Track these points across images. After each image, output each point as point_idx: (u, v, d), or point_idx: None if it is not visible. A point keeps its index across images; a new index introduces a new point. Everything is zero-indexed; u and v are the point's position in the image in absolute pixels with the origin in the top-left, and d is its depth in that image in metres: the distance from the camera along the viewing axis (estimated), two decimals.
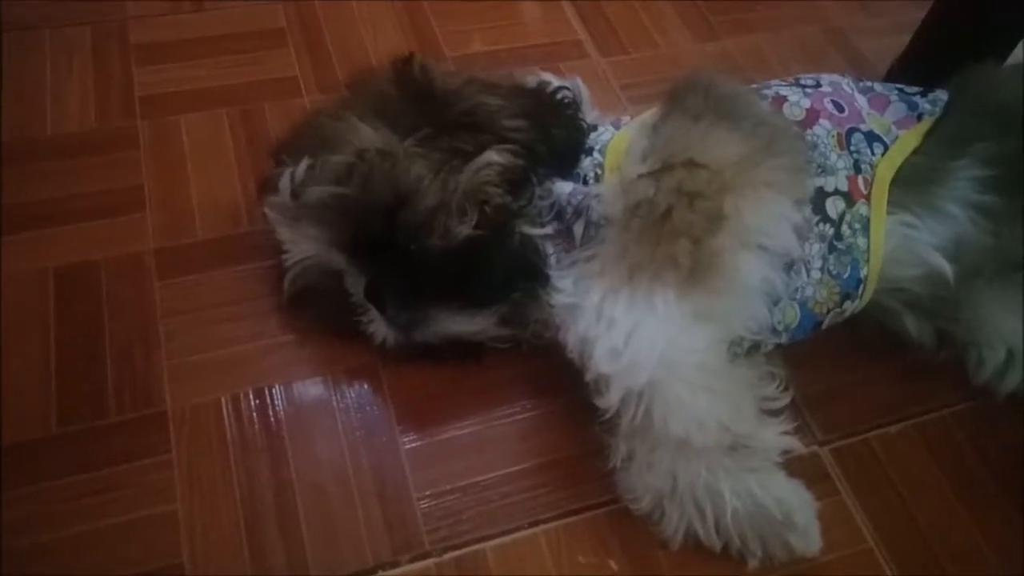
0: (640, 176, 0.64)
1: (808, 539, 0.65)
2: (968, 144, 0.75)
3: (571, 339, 0.64)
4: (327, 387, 0.72)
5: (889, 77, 1.03)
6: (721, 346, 0.63)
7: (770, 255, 0.63)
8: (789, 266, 0.69)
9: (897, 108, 0.78)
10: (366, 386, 0.73)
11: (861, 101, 0.78)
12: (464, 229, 0.65)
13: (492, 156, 0.67)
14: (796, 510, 0.64)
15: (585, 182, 0.70)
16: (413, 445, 0.70)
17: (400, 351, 0.71)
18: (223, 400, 0.70)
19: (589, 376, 0.63)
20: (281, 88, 0.93)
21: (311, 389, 0.72)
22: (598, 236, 0.67)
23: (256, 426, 0.69)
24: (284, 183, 0.69)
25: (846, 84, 0.79)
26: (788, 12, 1.13)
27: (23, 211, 0.80)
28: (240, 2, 1.02)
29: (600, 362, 0.61)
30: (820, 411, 0.76)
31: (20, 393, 0.69)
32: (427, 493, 0.67)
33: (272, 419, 0.70)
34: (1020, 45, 0.92)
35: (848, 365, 0.79)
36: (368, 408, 0.72)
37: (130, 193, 0.83)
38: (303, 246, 0.70)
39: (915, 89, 0.83)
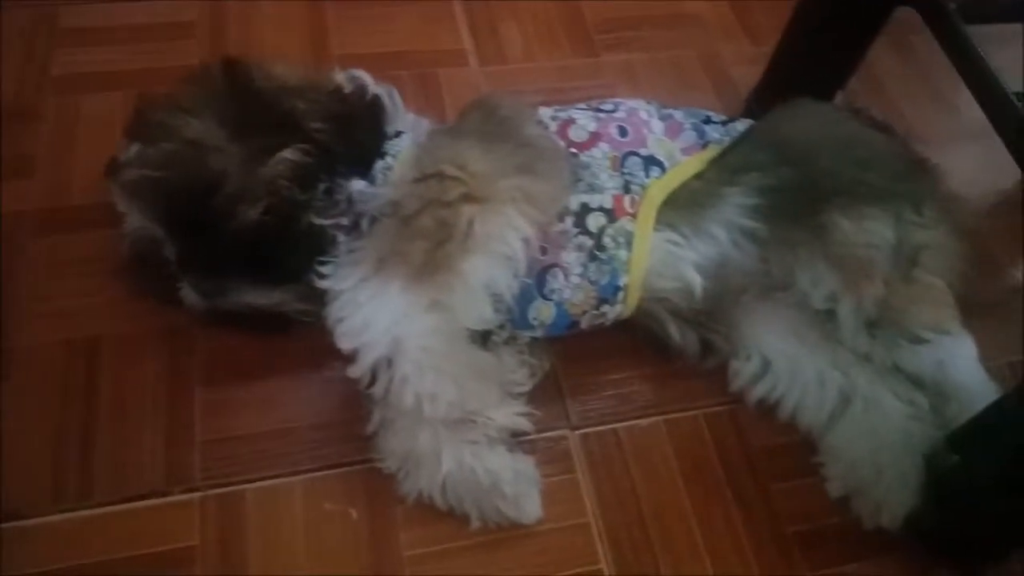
0: (405, 182, 0.74)
1: (520, 508, 0.75)
2: (744, 173, 0.83)
3: (330, 317, 0.74)
4: (148, 341, 0.84)
5: (747, 107, 1.10)
6: (447, 333, 0.72)
7: (497, 260, 0.73)
8: (547, 269, 0.79)
9: (688, 136, 0.86)
10: (181, 344, 0.84)
11: (657, 127, 0.86)
12: (252, 214, 0.76)
13: (286, 153, 0.77)
14: (505, 481, 0.74)
15: (374, 183, 0.80)
16: (208, 396, 0.81)
17: (213, 317, 0.82)
18: (58, 344, 0.83)
19: (343, 350, 0.74)
20: (175, 75, 1.04)
21: (133, 342, 0.84)
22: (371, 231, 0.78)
23: (81, 369, 0.82)
24: (118, 164, 0.81)
25: (644, 111, 0.88)
26: (675, 36, 1.20)
27: None
28: None
29: (346, 338, 0.72)
30: (580, 400, 0.85)
31: None
32: (210, 438, 0.79)
33: (96, 364, 0.82)
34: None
35: (618, 363, 0.88)
36: (177, 361, 0.83)
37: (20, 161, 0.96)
38: (133, 218, 0.82)
39: (721, 118, 0.91)
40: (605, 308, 0.82)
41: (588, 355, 0.87)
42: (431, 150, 0.76)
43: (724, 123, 0.89)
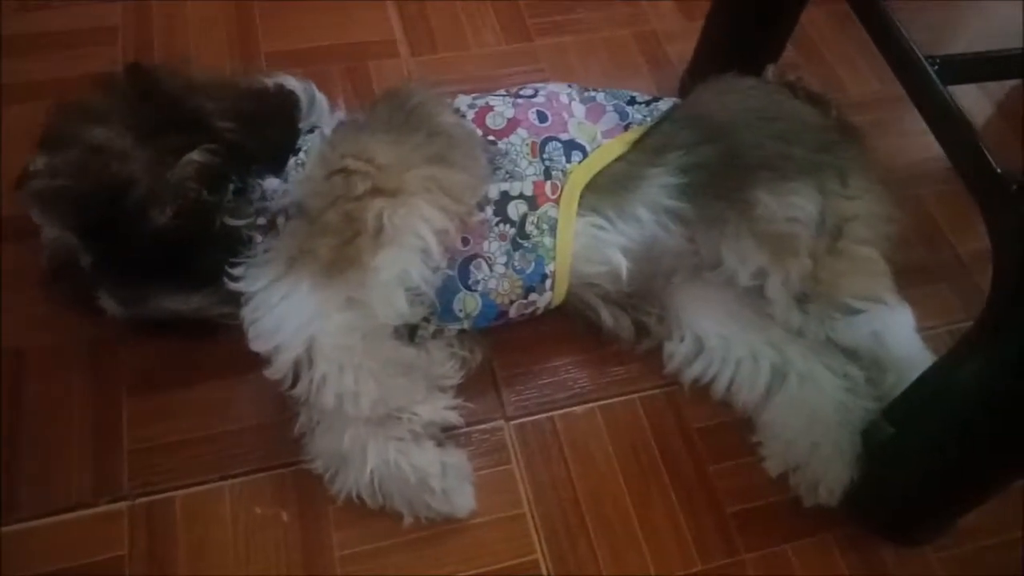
0: (311, 178, 0.73)
1: (451, 503, 0.74)
2: (666, 152, 0.82)
3: (244, 319, 0.73)
4: (72, 352, 0.83)
5: (681, 88, 1.09)
6: (364, 330, 0.71)
7: (410, 253, 0.71)
8: (470, 260, 0.78)
9: (609, 118, 0.85)
10: (106, 354, 0.83)
11: (578, 111, 0.85)
12: (162, 219, 0.75)
13: (193, 155, 0.76)
14: (433, 476, 0.73)
15: (287, 180, 0.79)
16: (136, 405, 0.80)
17: (136, 325, 0.81)
18: None
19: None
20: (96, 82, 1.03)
21: (57, 354, 0.83)
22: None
23: (4, 382, 0.80)
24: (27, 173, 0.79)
25: (565, 95, 0.86)
26: (609, 15, 1.19)
27: None
28: (86, 1, 1.12)
29: (255, 341, 0.70)
30: (515, 390, 0.84)
31: None
32: (137, 447, 0.78)
33: (20, 376, 0.81)
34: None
35: (552, 351, 0.87)
36: (103, 371, 0.82)
37: None
38: (48, 228, 0.80)
39: (645, 98, 0.89)
40: (533, 296, 0.81)
41: (522, 344, 0.87)
42: (336, 144, 0.74)
43: (647, 103, 0.88)
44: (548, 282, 0.81)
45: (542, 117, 0.83)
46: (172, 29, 1.11)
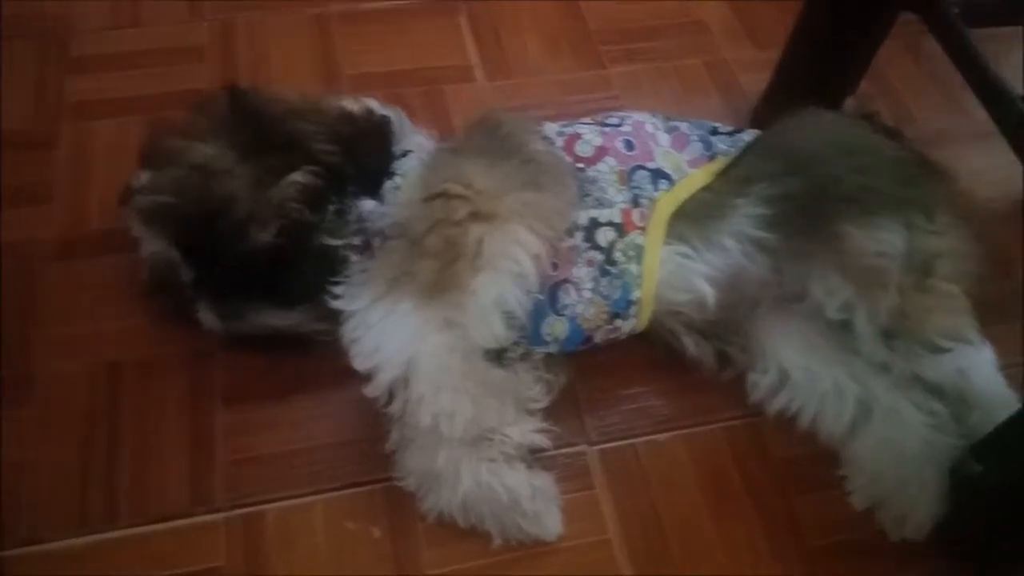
0: (413, 202, 0.75)
1: (541, 525, 0.75)
2: (752, 183, 0.83)
3: (344, 338, 0.74)
4: (168, 365, 0.85)
5: (754, 117, 1.10)
6: (461, 351, 0.72)
7: (507, 277, 0.73)
8: (558, 285, 0.79)
9: (694, 148, 0.87)
10: (202, 367, 0.85)
11: (663, 140, 0.87)
12: (264, 237, 0.77)
13: (296, 176, 0.78)
14: (525, 498, 0.74)
15: (384, 202, 0.80)
16: (230, 417, 0.82)
17: (232, 339, 0.83)
18: (81, 370, 0.84)
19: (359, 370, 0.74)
20: (186, 99, 1.05)
21: (154, 366, 0.85)
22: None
23: (103, 394, 0.82)
24: (132, 189, 0.82)
25: (650, 124, 0.88)
26: (680, 43, 1.20)
27: None
28: (173, 23, 1.15)
29: (360, 359, 0.72)
30: (598, 415, 0.85)
31: None
32: (232, 459, 0.79)
33: (118, 388, 0.83)
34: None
35: (635, 377, 0.88)
36: (199, 383, 0.84)
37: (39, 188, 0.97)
38: (150, 243, 0.82)
39: (728, 129, 0.91)
40: (618, 322, 0.82)
41: (605, 369, 0.87)
42: (435, 169, 0.76)
43: (731, 134, 0.90)
44: (633, 308, 0.82)
45: (629, 146, 0.84)
46: (256, 46, 1.14)
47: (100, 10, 1.16)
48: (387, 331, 0.71)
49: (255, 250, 0.77)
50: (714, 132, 0.89)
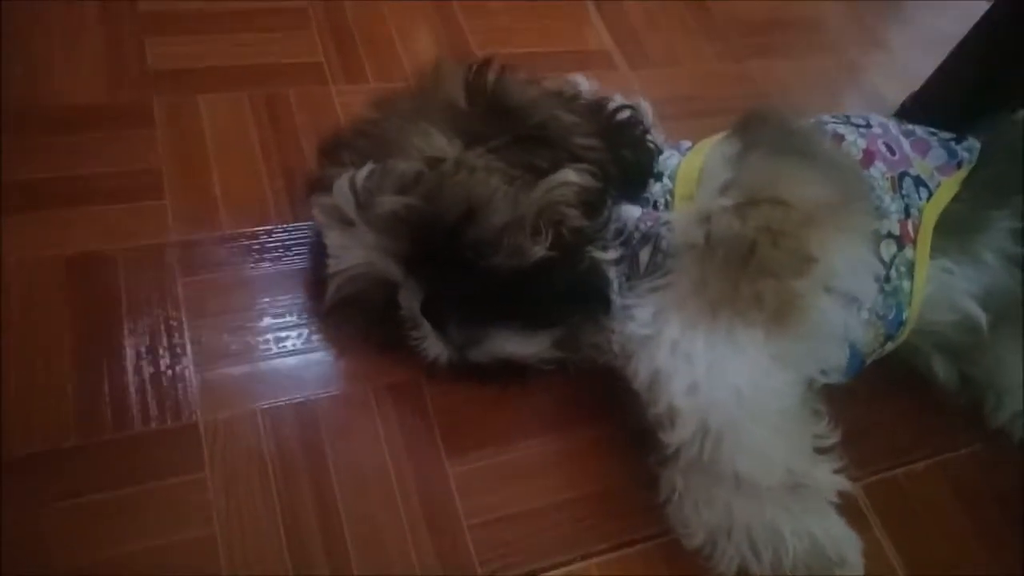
0: (724, 208, 0.63)
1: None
2: (1007, 195, 0.77)
3: (642, 370, 0.62)
4: (369, 404, 0.69)
5: (901, 113, 1.05)
6: (798, 389, 0.62)
7: (846, 299, 0.63)
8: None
9: (937, 154, 0.80)
10: (409, 404, 0.69)
11: (905, 144, 0.79)
12: (538, 250, 0.63)
13: (570, 175, 0.64)
14: (850, 550, 0.65)
15: (655, 207, 0.68)
16: (460, 469, 0.67)
17: (446, 369, 0.68)
18: (258, 414, 0.66)
19: (659, 409, 0.62)
20: (305, 74, 0.88)
21: (353, 405, 0.68)
22: (664, 265, 0.66)
23: (295, 443, 0.65)
24: (342, 185, 0.65)
25: (892, 126, 0.81)
26: (802, 40, 1.15)
27: (27, 188, 0.72)
28: None
29: (676, 396, 0.60)
30: (851, 447, 0.77)
31: (29, 398, 0.62)
32: (477, 521, 0.65)
33: (313, 436, 0.66)
34: None
35: (874, 402, 0.80)
36: (412, 428, 0.68)
37: (146, 176, 0.76)
38: (355, 253, 0.66)
39: (948, 135, 0.85)
40: (888, 346, 0.74)
41: (846, 396, 0.79)
42: (751, 172, 0.64)
43: (956, 140, 0.84)
44: (902, 330, 0.74)
45: (890, 149, 0.77)
46: (365, 17, 0.96)
47: None
48: (720, 363, 0.59)
49: (521, 265, 0.63)
50: (932, 134, 0.83)
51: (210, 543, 0.59)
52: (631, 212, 0.68)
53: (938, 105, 1.00)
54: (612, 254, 0.67)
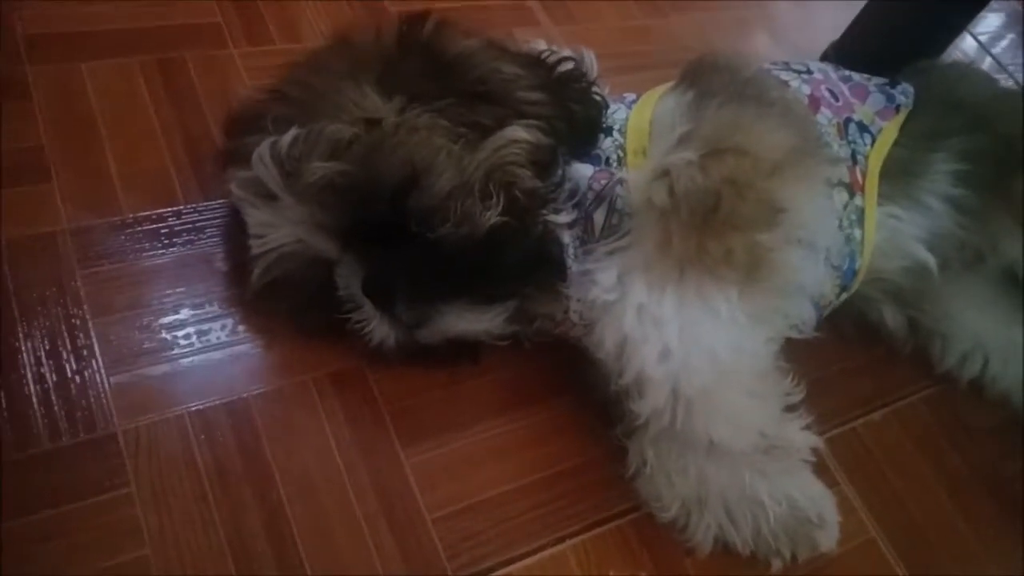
0: (687, 161, 0.59)
1: (830, 534, 0.65)
2: (943, 138, 0.77)
3: (607, 338, 0.58)
4: (310, 397, 0.62)
5: (823, 58, 1.05)
6: (773, 348, 0.60)
7: (814, 250, 0.61)
8: None
9: (876, 99, 0.79)
10: (354, 394, 0.63)
11: (845, 90, 0.78)
12: (490, 216, 0.57)
13: (519, 132, 0.59)
14: (827, 508, 0.63)
15: (607, 164, 0.64)
16: (417, 459, 0.62)
17: (393, 352, 0.62)
18: (186, 417, 0.58)
19: (627, 378, 0.58)
20: (202, 36, 0.79)
21: (292, 400, 0.61)
22: (622, 226, 0.62)
23: (231, 447, 0.58)
24: (262, 155, 0.57)
25: (831, 71, 0.79)
26: None
27: None
28: None
29: (647, 363, 0.56)
30: (811, 402, 0.75)
31: None
32: (440, 514, 0.60)
33: (250, 438, 0.59)
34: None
35: (832, 356, 0.79)
36: (360, 420, 0.62)
37: (26, 155, 0.66)
38: (281, 231, 0.58)
39: (882, 80, 0.84)
40: (843, 297, 0.73)
41: (800, 350, 0.78)
42: (709, 122, 0.60)
43: (891, 85, 0.83)
44: (855, 279, 0.73)
45: (834, 95, 0.75)
46: None
47: None
48: (694, 327, 0.56)
49: (472, 233, 0.57)
50: (874, 83, 0.82)
51: (142, 564, 0.51)
52: (582, 171, 0.63)
53: (860, 54, 1.00)
54: (566, 217, 0.62)
